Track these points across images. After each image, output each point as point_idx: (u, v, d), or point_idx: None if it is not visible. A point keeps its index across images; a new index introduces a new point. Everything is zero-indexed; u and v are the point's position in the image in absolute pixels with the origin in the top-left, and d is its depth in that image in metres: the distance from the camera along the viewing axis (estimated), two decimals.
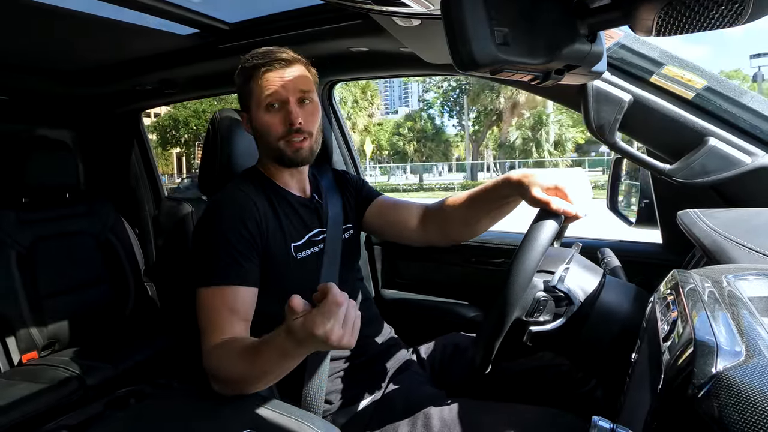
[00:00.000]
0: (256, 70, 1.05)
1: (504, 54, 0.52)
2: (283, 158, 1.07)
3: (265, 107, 1.05)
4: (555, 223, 0.82)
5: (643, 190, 1.26)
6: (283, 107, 1.05)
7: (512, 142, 27.29)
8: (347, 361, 1.09)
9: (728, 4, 0.45)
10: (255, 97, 1.06)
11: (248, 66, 1.06)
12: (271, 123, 1.05)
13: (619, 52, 1.03)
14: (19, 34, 1.45)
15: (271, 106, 1.05)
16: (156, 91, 2.02)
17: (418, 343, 1.28)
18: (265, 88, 1.04)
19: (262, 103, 1.05)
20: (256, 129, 1.08)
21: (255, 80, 1.05)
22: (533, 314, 0.83)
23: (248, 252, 0.99)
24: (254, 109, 1.06)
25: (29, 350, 1.78)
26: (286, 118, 1.04)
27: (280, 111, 1.05)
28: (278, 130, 1.05)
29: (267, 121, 1.05)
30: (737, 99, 0.99)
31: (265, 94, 1.04)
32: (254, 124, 1.08)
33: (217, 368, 0.89)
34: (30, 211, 1.90)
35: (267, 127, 1.05)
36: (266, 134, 1.06)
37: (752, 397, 0.33)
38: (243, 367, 0.85)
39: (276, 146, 1.06)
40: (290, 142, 1.05)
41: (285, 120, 1.04)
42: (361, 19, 1.27)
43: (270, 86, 1.04)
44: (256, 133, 1.09)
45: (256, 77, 1.05)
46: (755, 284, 0.55)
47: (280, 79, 1.04)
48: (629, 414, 0.56)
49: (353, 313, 0.73)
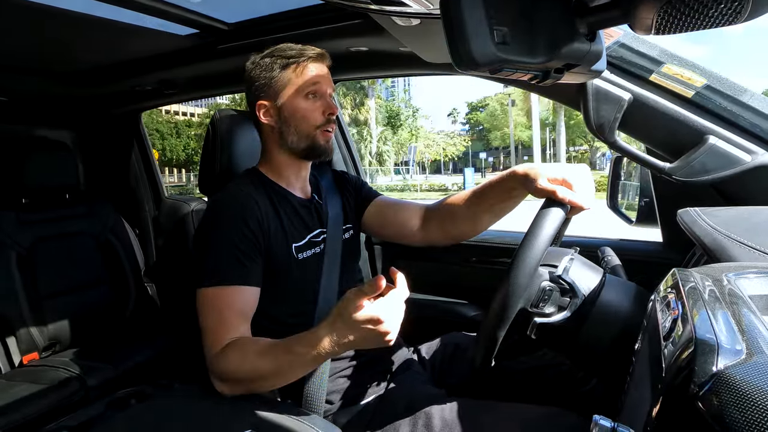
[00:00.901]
0: (300, 58, 1.08)
1: (503, 53, 0.52)
2: (316, 147, 1.10)
3: (305, 96, 1.08)
4: (561, 211, 0.82)
5: (643, 189, 1.26)
6: (321, 98, 1.09)
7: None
8: (348, 361, 1.09)
9: (727, 3, 0.45)
10: (293, 85, 1.08)
11: (289, 53, 1.08)
12: (311, 111, 1.08)
13: (619, 50, 1.03)
14: (18, 35, 1.45)
15: (310, 95, 1.08)
16: (155, 92, 2.02)
17: (418, 343, 1.28)
18: (309, 78, 1.08)
19: (302, 91, 1.08)
20: (289, 116, 1.09)
21: (298, 68, 1.08)
22: (538, 305, 0.82)
23: (250, 252, 0.99)
24: (290, 96, 1.08)
25: (30, 351, 1.77)
26: (326, 108, 1.09)
27: (318, 101, 1.09)
28: (317, 118, 1.09)
29: (306, 108, 1.08)
30: (737, 97, 0.99)
31: (309, 83, 1.08)
32: (287, 111, 1.09)
33: (228, 368, 0.89)
34: (30, 212, 1.90)
35: (305, 115, 1.08)
36: (303, 121, 1.08)
37: (753, 396, 0.33)
38: (264, 366, 0.86)
39: (312, 134, 1.09)
40: (324, 132, 1.09)
41: (325, 109, 1.08)
42: (360, 19, 1.27)
43: (314, 77, 1.08)
44: (286, 121, 1.09)
45: (300, 65, 1.08)
46: (756, 282, 0.55)
47: (321, 72, 1.09)
48: (630, 413, 0.56)
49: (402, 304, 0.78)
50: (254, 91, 1.11)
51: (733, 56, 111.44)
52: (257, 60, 1.10)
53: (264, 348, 0.88)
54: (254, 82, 1.10)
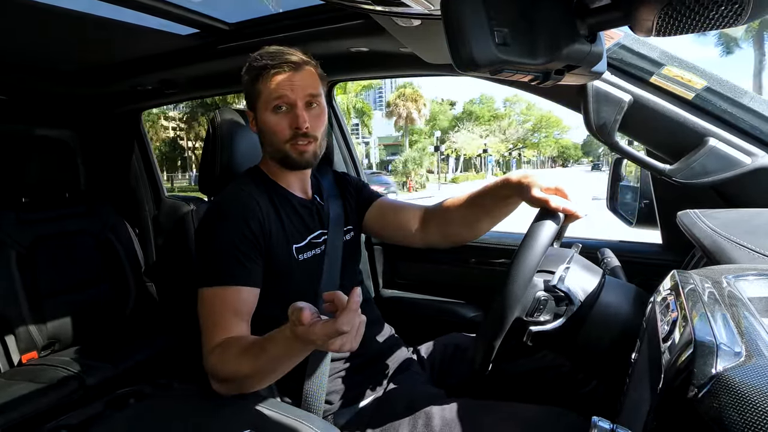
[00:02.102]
0: (265, 70, 1.03)
1: (504, 54, 0.52)
2: (288, 161, 1.07)
3: (272, 109, 1.04)
4: (554, 223, 0.83)
5: (642, 191, 1.26)
6: (290, 110, 1.04)
7: None
8: (348, 362, 1.09)
9: (728, 5, 0.45)
10: (262, 98, 1.05)
11: (257, 65, 1.04)
12: (278, 125, 1.04)
13: (619, 52, 1.03)
14: (19, 34, 1.45)
15: (278, 108, 1.04)
16: (156, 91, 2.02)
17: (418, 343, 1.28)
18: (273, 90, 1.03)
19: (269, 104, 1.04)
20: (262, 129, 1.08)
21: (263, 81, 1.04)
22: (533, 314, 0.83)
23: (251, 252, 0.99)
24: (261, 109, 1.06)
25: (29, 350, 1.77)
26: (293, 121, 1.04)
27: (288, 113, 1.04)
28: (285, 133, 1.04)
29: (273, 123, 1.05)
30: (737, 99, 0.99)
31: (273, 96, 1.03)
32: (260, 124, 1.07)
33: (217, 367, 0.89)
34: (30, 211, 1.90)
35: (273, 129, 1.05)
36: (272, 136, 1.06)
37: (752, 398, 0.33)
38: (245, 366, 0.85)
39: (281, 148, 1.06)
40: (296, 146, 1.05)
41: (292, 123, 1.04)
42: (361, 20, 1.27)
43: (278, 88, 1.03)
44: (262, 134, 1.09)
45: (265, 78, 1.03)
46: (755, 285, 0.55)
47: (289, 82, 1.03)
48: (629, 414, 0.56)
49: (357, 320, 0.73)
50: (245, 99, 1.12)
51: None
52: (245, 66, 1.09)
53: (244, 347, 0.87)
54: (244, 89, 1.11)
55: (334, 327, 0.70)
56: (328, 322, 0.71)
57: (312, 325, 0.72)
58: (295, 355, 0.82)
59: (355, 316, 0.71)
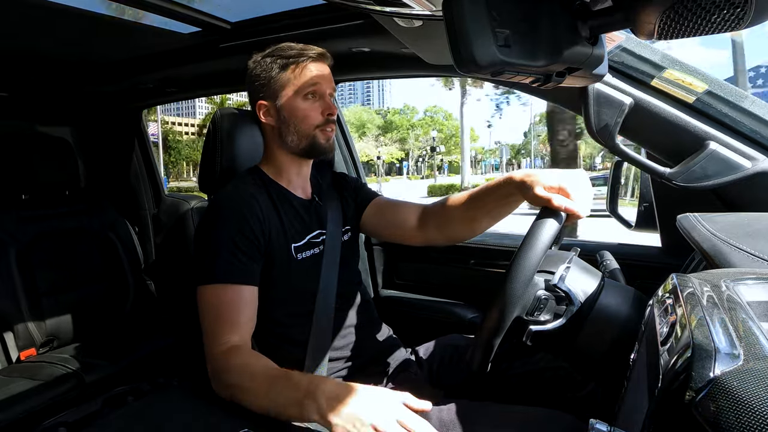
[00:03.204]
0: (300, 58, 1.08)
1: (505, 56, 0.52)
2: (315, 146, 1.10)
3: (303, 96, 1.08)
4: (555, 222, 0.82)
5: (642, 194, 1.26)
6: (320, 98, 1.09)
7: None
8: (346, 362, 1.09)
9: (730, 8, 0.45)
10: (292, 85, 1.08)
11: (289, 54, 1.08)
12: (310, 111, 1.08)
13: (621, 55, 1.03)
14: (21, 31, 1.45)
15: (310, 95, 1.08)
16: (157, 90, 2.02)
17: (416, 344, 1.28)
18: (308, 78, 1.08)
19: (301, 91, 1.08)
20: (288, 117, 1.09)
21: (297, 68, 1.08)
22: (533, 313, 0.82)
23: (251, 251, 0.99)
24: (288, 96, 1.08)
25: (27, 347, 1.77)
26: (325, 108, 1.09)
27: (318, 101, 1.09)
28: (317, 118, 1.09)
29: (305, 109, 1.08)
30: (738, 103, 0.99)
31: (307, 83, 1.08)
32: (285, 111, 1.09)
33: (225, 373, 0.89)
34: (30, 209, 1.90)
35: (304, 115, 1.08)
36: (302, 121, 1.08)
37: (750, 402, 0.33)
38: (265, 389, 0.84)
39: (311, 133, 1.09)
40: (324, 131, 1.09)
41: (324, 110, 1.09)
42: (362, 20, 1.27)
43: (313, 77, 1.08)
44: (285, 122, 1.10)
45: (299, 66, 1.08)
46: (754, 289, 0.55)
47: (321, 72, 1.09)
48: (627, 417, 0.56)
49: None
50: (255, 91, 1.11)
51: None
52: (258, 59, 1.10)
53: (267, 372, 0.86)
54: (254, 81, 1.11)
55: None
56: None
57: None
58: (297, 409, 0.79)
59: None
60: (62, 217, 1.98)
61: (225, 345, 0.92)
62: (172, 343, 1.91)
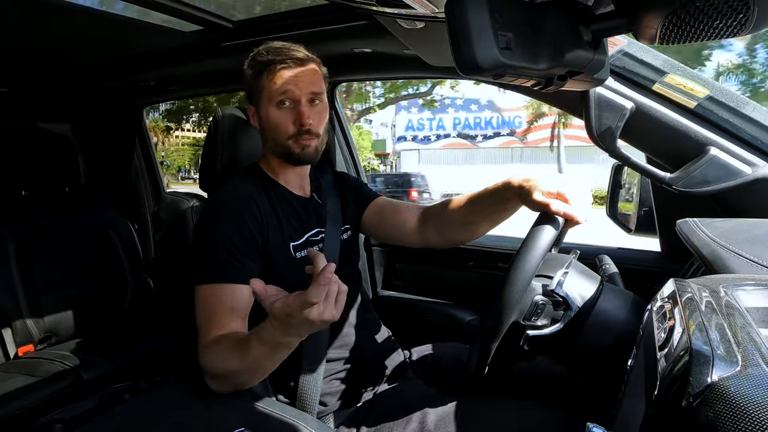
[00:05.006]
0: (271, 65, 1.03)
1: (507, 59, 0.52)
2: (291, 156, 1.07)
3: (276, 104, 1.04)
4: (553, 228, 0.83)
5: (642, 198, 1.26)
6: (294, 106, 1.04)
7: None
8: (343, 363, 1.09)
9: (732, 15, 0.45)
10: (266, 93, 1.05)
11: (262, 60, 1.05)
12: (282, 120, 1.05)
13: (623, 59, 1.03)
14: (22, 27, 1.45)
15: (282, 104, 1.04)
16: (158, 88, 2.02)
17: (413, 345, 1.28)
18: (278, 86, 1.03)
19: (273, 99, 1.04)
20: (265, 124, 1.08)
21: (268, 76, 1.04)
22: (531, 318, 0.83)
23: (248, 250, 0.99)
24: (264, 104, 1.06)
25: (26, 343, 1.77)
26: (297, 117, 1.04)
27: (292, 110, 1.05)
28: (288, 128, 1.05)
29: (277, 118, 1.05)
30: (739, 109, 0.99)
31: (277, 91, 1.03)
32: (263, 119, 1.07)
33: (209, 364, 0.89)
34: (30, 205, 1.90)
35: (276, 124, 1.05)
36: (275, 131, 1.06)
37: (747, 408, 0.33)
38: (235, 362, 0.85)
39: (284, 144, 1.06)
40: (298, 141, 1.05)
41: (296, 119, 1.04)
42: (365, 20, 1.27)
43: (283, 84, 1.03)
44: (264, 129, 1.09)
45: (270, 73, 1.04)
46: (753, 295, 0.55)
47: (294, 78, 1.03)
48: (624, 421, 0.56)
49: (334, 288, 0.73)
50: (246, 94, 1.12)
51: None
52: (247, 61, 1.09)
53: (233, 342, 0.87)
54: (244, 85, 1.10)
55: (304, 298, 0.70)
56: (299, 293, 0.71)
57: (284, 297, 0.73)
58: (279, 346, 0.81)
59: (323, 289, 0.71)
60: (62, 213, 1.98)
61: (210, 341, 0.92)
62: (171, 342, 1.91)
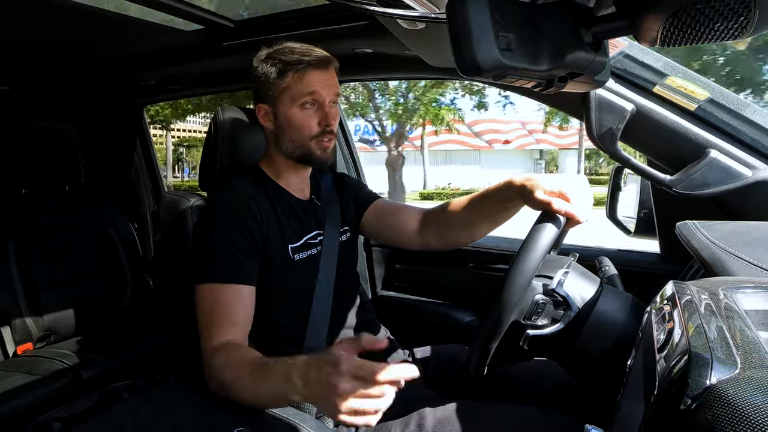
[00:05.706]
0: (300, 65, 1.02)
1: (507, 60, 0.52)
2: (310, 156, 1.07)
3: (301, 104, 1.04)
4: (554, 227, 0.82)
5: (642, 200, 1.26)
6: (319, 107, 1.05)
7: None
8: None
9: (733, 17, 0.45)
10: (290, 92, 1.04)
11: (287, 59, 1.03)
12: (305, 121, 1.04)
13: (623, 61, 1.03)
14: (24, 26, 1.45)
15: (307, 104, 1.04)
16: (159, 87, 2.02)
17: (413, 345, 1.28)
18: (307, 86, 1.03)
19: (298, 99, 1.04)
20: (283, 124, 1.06)
21: (295, 75, 1.03)
22: (531, 317, 0.82)
23: (248, 250, 0.99)
24: (285, 103, 1.05)
25: (24, 341, 1.77)
26: (322, 118, 1.05)
27: (316, 110, 1.05)
28: (313, 129, 1.05)
29: (301, 118, 1.04)
30: (739, 112, 0.99)
31: (304, 92, 1.03)
32: (281, 118, 1.06)
33: (218, 373, 0.88)
34: (30, 203, 1.90)
35: (300, 125, 1.05)
36: (297, 131, 1.05)
37: (746, 411, 0.33)
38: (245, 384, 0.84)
39: (307, 144, 1.06)
40: (321, 142, 1.06)
41: (321, 120, 1.05)
42: (366, 21, 1.27)
43: (312, 85, 1.03)
44: (280, 128, 1.07)
45: (297, 72, 1.03)
46: (752, 297, 0.55)
47: (323, 80, 1.04)
48: (622, 423, 0.56)
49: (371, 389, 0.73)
50: (256, 92, 1.10)
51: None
52: (261, 58, 1.07)
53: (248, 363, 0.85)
54: (255, 83, 1.09)
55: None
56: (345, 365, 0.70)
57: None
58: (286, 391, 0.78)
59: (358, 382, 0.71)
60: (62, 212, 1.98)
61: (218, 344, 0.92)
62: (170, 341, 1.91)
